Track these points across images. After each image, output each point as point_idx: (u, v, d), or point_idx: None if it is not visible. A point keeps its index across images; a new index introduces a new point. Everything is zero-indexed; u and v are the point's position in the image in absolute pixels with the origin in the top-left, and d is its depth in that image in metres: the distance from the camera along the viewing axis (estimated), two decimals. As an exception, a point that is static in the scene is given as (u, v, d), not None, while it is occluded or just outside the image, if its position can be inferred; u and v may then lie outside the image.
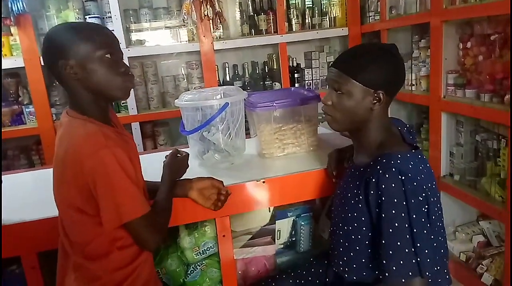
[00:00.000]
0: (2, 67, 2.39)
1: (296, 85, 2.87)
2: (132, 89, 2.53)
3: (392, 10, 2.45)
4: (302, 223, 1.31)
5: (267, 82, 2.85)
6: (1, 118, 2.39)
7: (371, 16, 2.71)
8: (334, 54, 2.97)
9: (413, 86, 2.33)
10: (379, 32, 2.56)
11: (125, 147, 0.93)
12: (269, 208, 1.37)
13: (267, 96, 1.38)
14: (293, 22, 2.78)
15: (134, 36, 2.62)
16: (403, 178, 0.92)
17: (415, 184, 0.93)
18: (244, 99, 1.39)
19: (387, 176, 0.92)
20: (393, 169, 0.93)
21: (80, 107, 0.95)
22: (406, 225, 0.91)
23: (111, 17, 2.46)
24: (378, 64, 1.00)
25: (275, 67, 2.84)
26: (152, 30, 2.63)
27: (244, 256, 1.30)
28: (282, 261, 1.34)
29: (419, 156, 1.01)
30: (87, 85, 0.92)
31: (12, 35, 2.38)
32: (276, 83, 2.83)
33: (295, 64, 2.89)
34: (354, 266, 1.03)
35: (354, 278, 1.04)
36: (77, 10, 2.48)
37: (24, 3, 2.22)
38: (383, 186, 0.92)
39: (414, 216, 0.91)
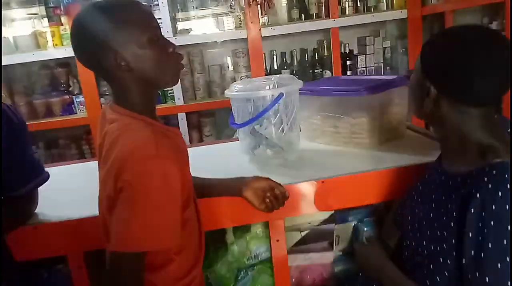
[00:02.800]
0: (53, 57, 2.42)
1: (348, 73, 2.70)
2: (179, 80, 2.50)
3: (459, -11, 2.22)
4: (365, 228, 1.18)
5: (317, 71, 2.69)
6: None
7: (433, -4, 2.47)
8: (390, 39, 2.76)
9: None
10: (443, 15, 2.32)
11: (178, 153, 0.83)
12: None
13: (338, 83, 1.26)
14: (346, 5, 2.60)
15: (181, 25, 2.56)
16: None
17: None
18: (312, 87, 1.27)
19: (499, 194, 0.72)
20: (508, 186, 0.72)
21: (127, 102, 0.85)
22: None
23: (158, 5, 2.41)
24: (441, 46, 0.83)
25: (326, 54, 2.68)
26: (198, 18, 2.56)
27: (299, 263, 1.19)
28: (341, 270, 1.22)
29: None
30: (139, 75, 0.82)
31: (62, 24, 2.40)
32: (327, 71, 2.67)
33: (347, 51, 2.71)
34: None
35: None
36: (125, -2, 2.45)
37: (73, -8, 2.22)
38: (493, 207, 0.72)
39: None
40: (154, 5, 2.45)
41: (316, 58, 2.72)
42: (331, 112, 1.34)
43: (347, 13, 2.60)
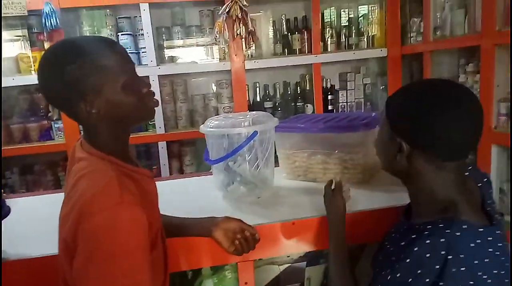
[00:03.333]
0: (34, 82, 2.39)
1: (330, 107, 2.74)
2: (160, 108, 2.46)
3: (436, 31, 2.29)
4: (336, 271, 1.16)
5: (299, 104, 2.73)
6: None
7: (412, 36, 2.55)
8: (371, 76, 2.82)
9: (458, 114, 2.15)
10: (422, 55, 2.39)
11: (143, 196, 0.79)
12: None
13: (317, 119, 1.28)
14: (328, 42, 2.66)
15: (166, 54, 2.58)
16: (449, 256, 0.73)
17: (462, 269, 0.75)
18: (279, 124, 1.28)
19: (427, 241, 0.74)
20: (441, 240, 0.74)
21: (97, 141, 0.82)
22: None
23: (143, 34, 2.43)
24: (409, 102, 0.83)
25: (307, 88, 2.72)
26: (183, 47, 2.58)
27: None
28: (312, 314, 1.19)
29: (490, 236, 0.79)
30: (111, 119, 0.79)
31: (45, 50, 2.38)
32: (309, 105, 2.70)
33: (329, 86, 2.76)
34: None
35: None
36: (110, 26, 2.47)
37: (57, 19, 2.23)
38: (415, 249, 0.75)
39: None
40: (139, 34, 2.48)
41: (299, 92, 2.75)
42: (320, 148, 1.35)
43: (329, 49, 2.66)
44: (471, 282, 0.75)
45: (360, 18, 2.69)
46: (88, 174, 0.77)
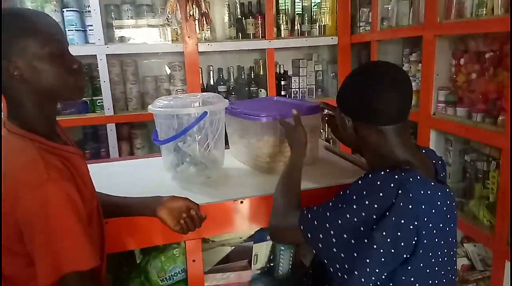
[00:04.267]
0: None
1: (283, 93, 2.77)
2: (109, 89, 2.37)
3: (383, 21, 2.38)
4: (282, 247, 1.20)
5: (253, 88, 2.74)
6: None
7: (362, 26, 2.63)
8: (322, 63, 2.89)
9: (402, 101, 2.26)
10: (369, 43, 2.48)
11: (73, 173, 0.79)
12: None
13: (259, 105, 1.28)
14: (282, 28, 2.69)
15: (115, 33, 2.48)
16: (399, 191, 0.83)
17: (410, 206, 0.83)
18: (231, 107, 1.28)
19: (382, 173, 0.87)
20: (396, 176, 0.85)
21: (21, 118, 0.80)
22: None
23: (90, 11, 2.32)
24: (352, 83, 0.98)
25: (261, 73, 2.74)
26: (134, 27, 2.50)
27: (216, 283, 1.18)
28: (259, 288, 1.23)
29: (440, 192, 0.91)
30: (35, 88, 0.79)
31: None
32: (262, 89, 2.72)
33: (282, 71, 2.79)
34: None
35: None
36: (54, 2, 2.33)
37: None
38: (369, 175, 0.89)
39: (384, 233, 0.82)
40: (86, 11, 2.36)
41: (252, 77, 2.76)
42: (242, 134, 1.38)
43: (282, 35, 2.69)
44: (416, 223, 0.83)
45: (313, 7, 2.73)
46: (9, 157, 0.75)
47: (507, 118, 1.48)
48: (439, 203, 0.88)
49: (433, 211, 0.87)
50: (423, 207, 0.85)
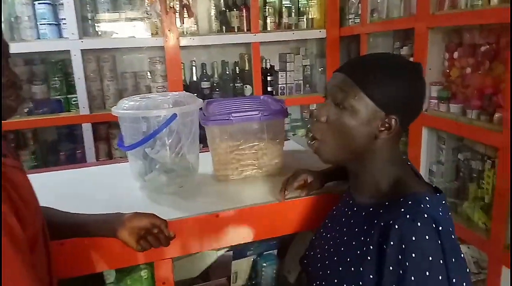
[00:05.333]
0: None
1: (269, 88, 2.66)
2: (84, 86, 2.22)
3: (373, 14, 2.28)
4: (264, 264, 1.09)
5: (238, 84, 2.62)
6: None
7: (351, 18, 2.52)
8: (310, 57, 2.77)
9: (393, 97, 2.17)
10: (359, 36, 2.38)
11: (9, 192, 0.67)
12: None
13: (226, 106, 1.15)
14: (268, 20, 2.57)
15: (90, 27, 2.34)
16: (440, 228, 0.69)
17: (452, 237, 0.70)
18: (200, 109, 1.16)
19: (418, 224, 0.69)
20: (425, 215, 0.69)
21: None
22: None
23: (63, 4, 2.18)
24: (400, 83, 0.76)
25: (247, 69, 2.62)
26: (111, 21, 2.36)
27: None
28: (237, 310, 1.12)
29: (443, 202, 0.76)
30: None
31: None
32: (248, 85, 2.61)
33: (268, 66, 2.67)
34: None
35: None
36: (24, -7, 2.18)
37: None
38: (413, 238, 0.68)
39: (454, 281, 0.68)
40: (59, 4, 2.22)
41: (237, 72, 2.65)
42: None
43: (268, 28, 2.57)
44: (462, 256, 0.72)
45: (300, -1, 2.62)
46: None
47: (506, 115, 1.39)
48: (447, 216, 0.77)
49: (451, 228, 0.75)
50: (450, 229, 0.73)
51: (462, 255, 0.72)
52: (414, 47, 1.88)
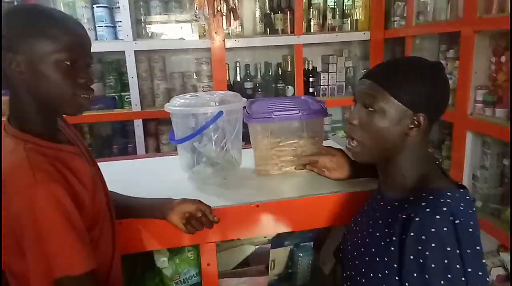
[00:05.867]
0: None
1: (311, 90, 2.70)
2: (136, 85, 2.36)
3: (419, 16, 2.26)
4: (301, 254, 1.15)
5: (280, 85, 2.69)
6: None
7: (396, 21, 2.51)
8: (353, 59, 2.79)
9: (437, 100, 2.15)
10: (404, 39, 2.37)
11: (65, 175, 0.77)
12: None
13: (268, 105, 1.22)
14: (312, 23, 2.61)
15: (144, 29, 2.50)
16: (456, 222, 0.75)
17: (470, 230, 0.76)
18: (244, 107, 1.24)
19: (437, 217, 0.75)
20: (444, 209, 0.75)
21: (19, 117, 0.79)
22: (463, 279, 0.73)
23: (119, 7, 2.34)
24: (423, 83, 0.82)
25: (289, 70, 2.68)
26: (162, 23, 2.50)
27: (232, 288, 1.15)
28: (275, 296, 1.19)
29: (467, 197, 0.81)
30: (32, 90, 0.77)
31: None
32: (289, 86, 2.67)
33: (310, 68, 2.72)
34: None
35: None
36: (85, -3, 2.37)
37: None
38: (432, 229, 0.74)
39: (470, 270, 0.73)
40: (115, 7, 2.39)
41: (280, 73, 2.71)
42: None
43: (312, 31, 2.62)
44: (477, 248, 0.76)
45: (346, 1, 2.64)
46: (3, 158, 0.74)
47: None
48: (470, 210, 0.81)
49: (473, 222, 0.80)
50: (471, 223, 0.78)
51: (478, 247, 0.76)
52: (460, 51, 1.86)
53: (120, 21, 2.36)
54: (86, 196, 0.80)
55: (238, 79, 2.67)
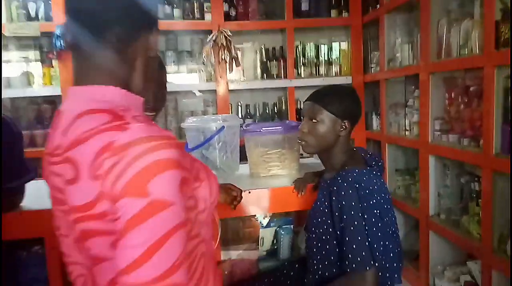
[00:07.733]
0: (42, 94, 2.74)
1: (302, 126, 3.10)
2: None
3: (390, 63, 2.71)
4: (283, 232, 1.49)
5: (276, 122, 3.09)
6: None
7: (373, 67, 2.97)
8: (339, 100, 3.20)
9: (406, 131, 2.53)
10: (379, 82, 2.80)
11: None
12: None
13: (259, 125, 1.63)
14: (302, 69, 3.07)
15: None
16: (357, 186, 1.14)
17: (367, 191, 1.14)
18: (241, 126, 1.63)
19: (345, 184, 1.14)
20: (349, 179, 1.15)
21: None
22: (363, 223, 1.11)
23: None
24: (345, 100, 1.26)
25: (283, 108, 3.10)
26: (176, 73, 2.96)
27: (230, 257, 1.48)
28: (264, 267, 1.52)
29: (373, 173, 1.22)
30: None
31: (53, 67, 2.74)
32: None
33: (302, 107, 3.12)
34: (326, 263, 1.20)
35: (326, 274, 1.21)
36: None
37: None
38: (343, 193, 1.14)
39: (366, 216, 1.11)
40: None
41: (276, 111, 3.13)
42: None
43: (302, 75, 3.07)
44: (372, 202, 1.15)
45: (329, 51, 3.11)
46: None
47: (484, 139, 1.73)
48: (375, 180, 1.20)
49: (375, 187, 1.19)
50: (371, 187, 1.17)
51: (372, 201, 1.14)
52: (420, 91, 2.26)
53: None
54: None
55: (240, 117, 3.08)
